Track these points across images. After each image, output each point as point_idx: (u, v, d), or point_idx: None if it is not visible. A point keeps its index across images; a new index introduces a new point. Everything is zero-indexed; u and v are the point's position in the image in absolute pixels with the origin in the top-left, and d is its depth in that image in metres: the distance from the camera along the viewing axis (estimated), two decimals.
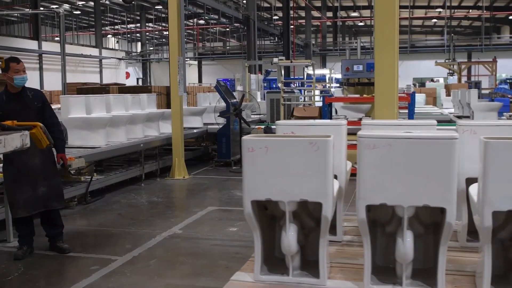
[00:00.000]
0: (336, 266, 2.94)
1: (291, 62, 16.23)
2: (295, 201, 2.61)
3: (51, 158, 4.77)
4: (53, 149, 4.82)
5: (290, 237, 2.66)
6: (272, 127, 10.31)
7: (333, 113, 10.44)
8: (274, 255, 2.86)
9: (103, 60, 31.76)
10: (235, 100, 10.46)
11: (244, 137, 2.69)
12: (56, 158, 4.82)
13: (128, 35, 40.35)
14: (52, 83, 22.19)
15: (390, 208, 2.52)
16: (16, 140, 2.73)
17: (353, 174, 9.06)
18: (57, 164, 4.82)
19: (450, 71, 26.17)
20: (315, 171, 2.54)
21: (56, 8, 27.49)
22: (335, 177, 3.19)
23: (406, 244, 2.47)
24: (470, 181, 3.08)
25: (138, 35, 40.85)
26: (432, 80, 28.13)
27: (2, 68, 4.66)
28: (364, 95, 9.72)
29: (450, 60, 27.23)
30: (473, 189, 2.72)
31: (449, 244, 3.39)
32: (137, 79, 38.80)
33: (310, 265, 2.76)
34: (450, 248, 3.33)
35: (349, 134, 10.49)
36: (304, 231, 2.80)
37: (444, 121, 12.46)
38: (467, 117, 13.17)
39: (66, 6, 31.61)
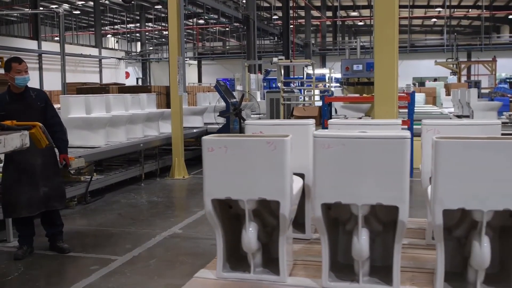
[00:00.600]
0: (300, 264, 2.98)
1: (291, 61, 16.23)
2: (254, 200, 2.65)
3: (53, 159, 4.77)
4: (56, 150, 4.82)
5: (250, 235, 2.70)
6: None
7: (333, 113, 10.44)
8: (239, 253, 2.89)
9: (102, 60, 31.76)
10: (234, 100, 10.47)
11: (204, 137, 2.74)
12: (59, 158, 4.82)
13: (128, 35, 40.34)
14: (51, 83, 22.20)
15: (348, 206, 2.56)
16: (16, 140, 2.74)
17: None
18: (59, 165, 4.82)
19: (453, 71, 26.13)
20: (273, 170, 2.58)
21: (56, 8, 27.49)
22: (303, 176, 3.19)
23: (361, 242, 2.51)
24: None
25: (137, 35, 40.85)
26: (435, 80, 28.11)
27: (4, 68, 4.65)
28: (364, 95, 9.72)
29: (453, 59, 27.20)
30: (430, 188, 2.78)
31: (415, 242, 3.43)
32: (137, 79, 38.80)
33: (273, 262, 2.79)
34: (415, 246, 3.39)
35: None
36: (267, 229, 2.84)
37: None
38: (467, 116, 13.17)
39: (66, 6, 31.60)
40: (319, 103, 10.93)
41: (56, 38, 29.92)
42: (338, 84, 17.94)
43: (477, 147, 2.35)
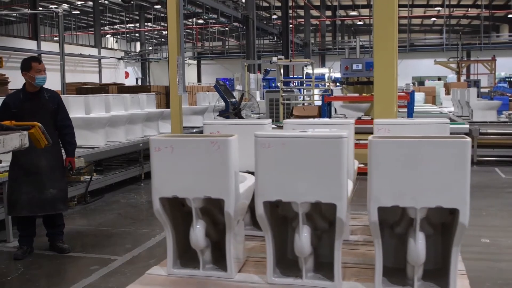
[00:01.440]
0: (252, 261, 3.06)
1: (290, 61, 16.24)
2: (200, 198, 2.72)
3: (61, 161, 4.78)
4: (63, 152, 4.83)
5: (197, 232, 2.78)
6: (272, 126, 10.30)
7: (333, 112, 10.44)
8: (191, 250, 2.94)
9: (102, 60, 31.76)
10: (234, 100, 10.47)
11: (151, 137, 2.82)
12: (65, 161, 4.80)
13: (127, 35, 40.33)
14: (51, 83, 22.08)
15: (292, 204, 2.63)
16: (15, 140, 2.75)
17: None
18: (65, 168, 4.80)
19: (456, 70, 26.11)
20: (217, 169, 2.65)
21: (55, 8, 27.46)
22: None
23: (302, 239, 2.58)
24: None
25: (137, 34, 40.84)
26: (439, 79, 28.10)
27: (22, 67, 4.64)
28: (363, 94, 9.72)
29: (459, 58, 27.17)
30: None
31: (369, 238, 3.49)
32: (136, 78, 38.80)
33: (224, 259, 2.85)
34: (367, 243, 3.43)
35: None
36: (219, 227, 2.90)
37: None
38: (467, 116, 13.18)
39: (65, 6, 31.59)
40: (319, 103, 10.93)
41: (56, 38, 29.92)
42: (337, 83, 17.92)
43: (408, 146, 2.42)
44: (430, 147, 2.40)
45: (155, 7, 33.63)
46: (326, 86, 15.83)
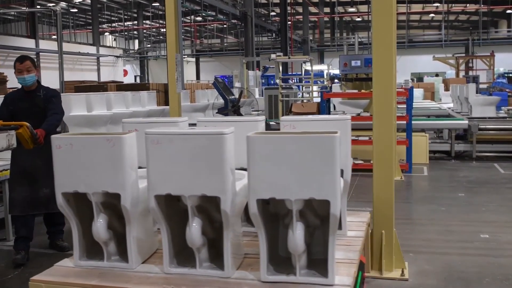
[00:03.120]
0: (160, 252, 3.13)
1: (289, 58, 16.18)
2: (99, 193, 2.84)
3: None
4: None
5: (98, 225, 2.89)
6: (271, 123, 10.32)
7: (332, 109, 10.44)
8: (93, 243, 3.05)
9: (100, 58, 31.73)
10: (233, 97, 10.46)
11: (53, 136, 2.94)
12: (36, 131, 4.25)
13: (126, 33, 40.28)
14: (49, 81, 22.11)
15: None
16: (2, 141, 2.79)
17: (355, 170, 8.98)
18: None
19: (455, 66, 26.08)
20: (113, 165, 2.78)
21: (53, 6, 27.39)
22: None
23: (191, 230, 2.70)
24: None
25: (135, 32, 40.79)
26: (437, 75, 28.08)
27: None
28: (362, 90, 9.72)
29: (466, 54, 27.16)
30: None
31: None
32: (135, 76, 38.77)
33: (121, 250, 2.98)
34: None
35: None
36: (122, 221, 3.00)
37: (442, 116, 12.49)
38: (466, 112, 13.18)
39: (63, 4, 31.54)
40: (318, 99, 10.93)
41: (54, 37, 29.88)
42: (336, 80, 17.92)
43: (280, 141, 2.55)
44: (300, 142, 2.53)
45: (153, 4, 33.58)
46: (325, 83, 15.83)
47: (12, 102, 4.62)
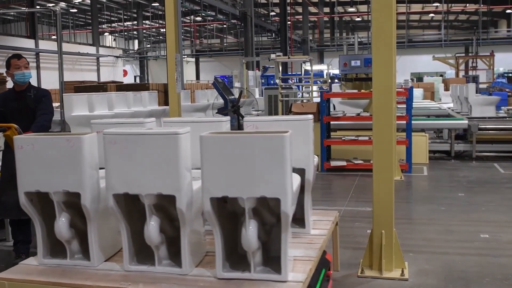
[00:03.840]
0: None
1: (289, 58, 16.18)
2: (60, 192, 2.92)
3: None
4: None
5: (60, 224, 2.97)
6: None
7: (332, 109, 10.44)
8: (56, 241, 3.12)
9: (100, 58, 31.72)
10: (233, 97, 10.46)
11: (15, 137, 3.04)
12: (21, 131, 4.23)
13: (125, 33, 40.29)
14: (49, 81, 22.18)
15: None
16: None
17: (348, 170, 8.94)
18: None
19: (454, 66, 26.08)
20: (73, 165, 2.87)
21: (53, 6, 27.37)
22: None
23: (149, 228, 2.75)
24: None
25: (135, 32, 40.80)
26: (441, 75, 28.07)
27: (5, 66, 4.59)
28: (362, 90, 9.71)
29: (472, 54, 27.13)
30: None
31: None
32: (135, 76, 38.77)
33: (84, 248, 3.06)
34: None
35: (347, 129, 10.37)
36: (85, 220, 3.05)
37: (442, 116, 12.50)
38: (467, 112, 13.18)
39: (63, 4, 31.54)
40: (318, 99, 10.93)
41: (54, 37, 29.88)
42: (336, 80, 17.91)
43: (232, 141, 2.62)
44: (250, 142, 2.59)
45: (153, 4, 33.58)
46: (321, 85, 15.83)
47: (2, 102, 4.56)
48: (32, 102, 4.59)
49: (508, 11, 35.09)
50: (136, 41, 41.78)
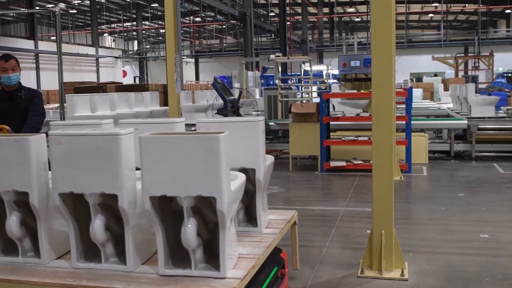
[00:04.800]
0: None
1: (288, 58, 16.18)
2: (9, 191, 2.98)
3: None
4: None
5: (11, 223, 3.03)
6: (270, 124, 10.32)
7: (331, 109, 10.44)
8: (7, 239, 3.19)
9: (99, 59, 31.72)
10: (232, 97, 10.46)
11: None
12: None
13: (125, 34, 40.30)
14: (48, 82, 22.20)
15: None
16: None
17: (348, 170, 8.95)
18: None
19: (454, 66, 26.08)
20: (21, 165, 2.94)
21: (52, 7, 27.39)
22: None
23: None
24: None
25: (134, 33, 40.81)
26: (435, 75, 28.08)
27: None
28: (362, 91, 9.72)
29: (474, 54, 27.14)
30: None
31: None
32: (134, 77, 38.77)
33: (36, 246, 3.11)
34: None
35: (346, 130, 10.37)
36: (33, 218, 3.14)
37: (441, 116, 12.50)
38: (466, 112, 13.19)
39: (62, 5, 31.55)
40: (317, 100, 10.93)
41: (53, 38, 29.88)
42: (335, 80, 17.91)
43: (169, 141, 2.70)
44: (187, 142, 2.68)
45: (152, 5, 33.59)
46: (321, 85, 15.82)
47: None
48: (23, 102, 4.55)
49: (507, 11, 35.11)
50: (136, 42, 41.79)
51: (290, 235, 3.96)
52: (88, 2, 31.45)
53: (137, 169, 2.97)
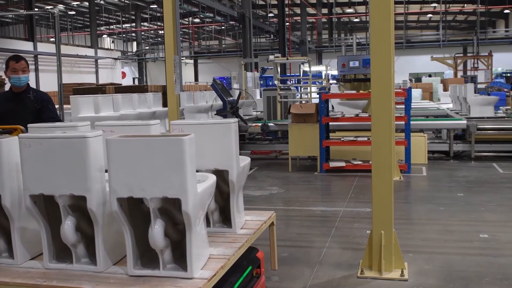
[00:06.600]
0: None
1: (287, 59, 16.18)
2: None
3: None
4: None
5: None
6: (270, 124, 10.32)
7: (330, 109, 10.45)
8: None
9: (98, 60, 31.68)
10: (231, 98, 10.46)
11: None
12: None
13: (124, 35, 40.27)
14: (48, 84, 22.16)
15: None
16: None
17: (347, 170, 8.97)
18: None
19: (452, 66, 26.09)
20: None
21: (51, 8, 27.43)
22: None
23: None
24: None
25: (133, 34, 40.79)
26: (429, 75, 28.11)
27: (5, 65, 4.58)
28: (361, 91, 9.73)
29: (473, 54, 27.14)
30: None
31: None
32: (133, 78, 38.76)
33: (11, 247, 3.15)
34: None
35: (345, 130, 10.40)
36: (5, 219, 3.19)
37: (440, 116, 12.51)
38: (465, 112, 13.18)
39: (61, 6, 31.54)
40: (316, 100, 10.93)
41: (52, 39, 29.86)
42: (335, 81, 17.90)
43: (135, 144, 2.74)
44: (152, 145, 2.71)
45: (151, 6, 33.58)
46: (323, 84, 15.82)
47: (0, 104, 4.55)
48: (31, 103, 4.58)
49: (506, 11, 35.13)
50: (135, 43, 41.78)
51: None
52: (87, 3, 31.42)
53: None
